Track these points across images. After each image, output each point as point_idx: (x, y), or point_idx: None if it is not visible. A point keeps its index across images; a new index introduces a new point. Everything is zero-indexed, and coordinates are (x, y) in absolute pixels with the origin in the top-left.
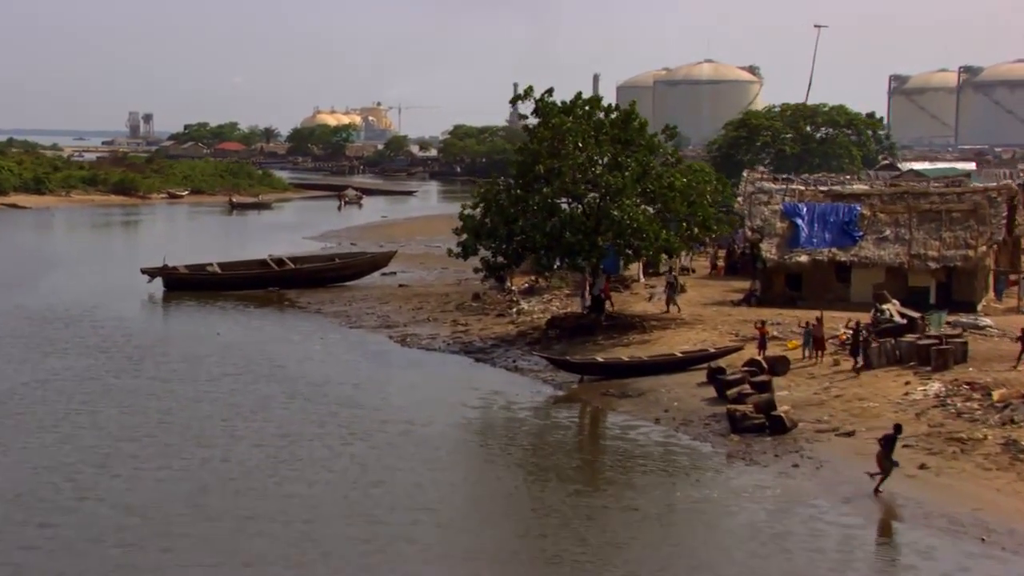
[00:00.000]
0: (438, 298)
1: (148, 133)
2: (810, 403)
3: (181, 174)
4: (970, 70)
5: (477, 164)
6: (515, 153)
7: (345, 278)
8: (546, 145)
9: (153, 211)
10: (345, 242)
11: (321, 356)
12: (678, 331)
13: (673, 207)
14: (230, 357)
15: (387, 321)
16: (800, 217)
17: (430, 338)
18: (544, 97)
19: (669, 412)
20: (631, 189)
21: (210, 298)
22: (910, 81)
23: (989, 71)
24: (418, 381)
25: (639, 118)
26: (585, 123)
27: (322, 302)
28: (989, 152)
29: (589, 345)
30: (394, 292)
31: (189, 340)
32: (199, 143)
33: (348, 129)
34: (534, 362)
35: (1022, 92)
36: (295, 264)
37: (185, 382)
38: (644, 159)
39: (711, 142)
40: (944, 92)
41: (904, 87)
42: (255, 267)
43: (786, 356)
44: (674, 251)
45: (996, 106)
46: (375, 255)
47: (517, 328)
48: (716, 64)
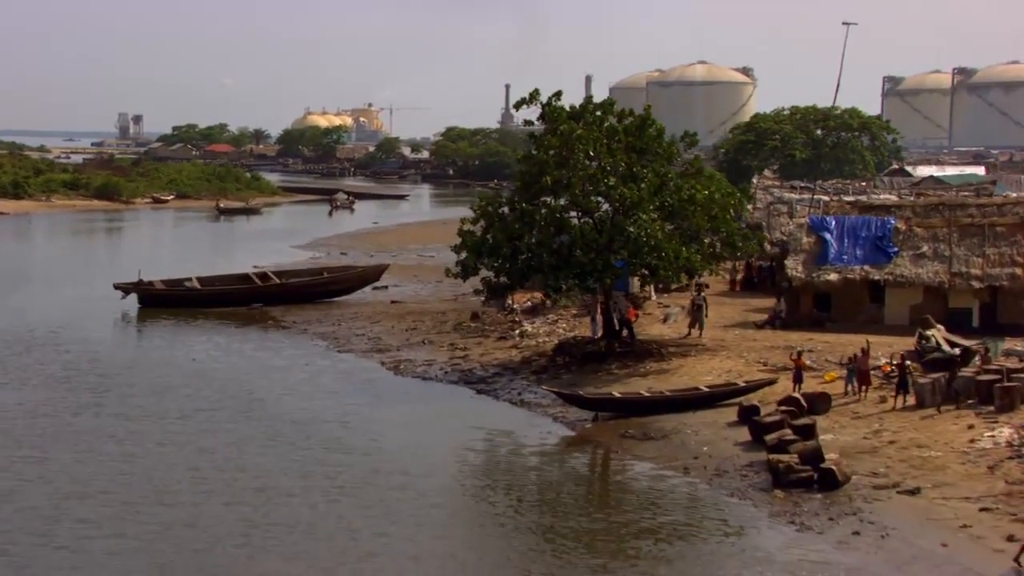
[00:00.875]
0: (433, 317)
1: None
2: (860, 450)
3: (167, 178)
4: (964, 72)
5: (470, 167)
6: (519, 162)
7: (333, 294)
8: (553, 154)
9: (137, 217)
10: (335, 251)
11: (306, 387)
12: (699, 359)
13: (694, 222)
14: (205, 388)
15: (379, 344)
16: (828, 231)
17: (426, 365)
18: (551, 101)
19: (699, 459)
20: (648, 203)
21: (188, 316)
22: (904, 83)
23: (983, 73)
24: (414, 418)
25: (655, 124)
26: (596, 130)
27: (308, 321)
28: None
29: (601, 374)
30: (386, 310)
31: (161, 367)
32: (188, 145)
33: (339, 131)
34: (541, 394)
35: (1017, 94)
36: (280, 279)
37: (152, 420)
38: (662, 169)
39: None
40: (938, 94)
41: (898, 88)
42: (237, 282)
43: (826, 392)
44: (695, 271)
45: (990, 108)
46: (365, 269)
47: (521, 353)
48: (709, 65)
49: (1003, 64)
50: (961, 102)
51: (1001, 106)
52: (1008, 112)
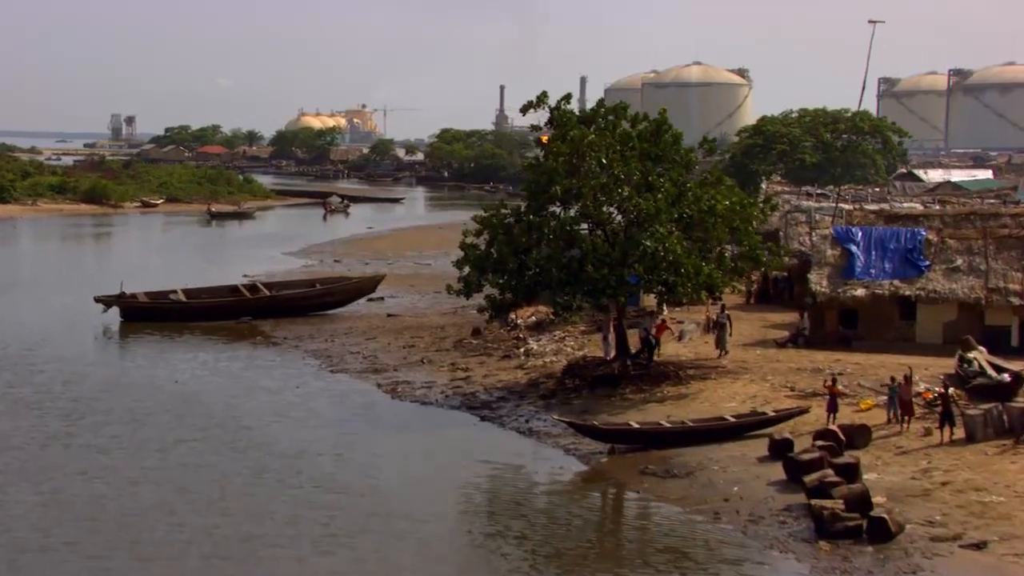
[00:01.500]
0: (432, 332)
1: (130, 135)
2: (910, 493)
3: (157, 181)
4: (960, 73)
5: (465, 169)
6: (526, 170)
7: (327, 306)
8: (563, 162)
9: (125, 221)
10: (328, 258)
11: (297, 413)
12: (720, 382)
13: (714, 235)
14: (188, 415)
15: (374, 363)
16: (854, 243)
17: (425, 387)
18: (561, 105)
19: (730, 502)
20: (665, 214)
21: (173, 331)
22: (899, 84)
23: (979, 74)
24: (414, 450)
25: (672, 129)
26: (610, 136)
27: (300, 337)
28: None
29: (615, 400)
30: (382, 324)
31: (141, 390)
32: (180, 146)
33: (333, 132)
34: (551, 422)
35: (1013, 95)
36: (270, 291)
37: (128, 453)
38: (679, 178)
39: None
40: (933, 95)
41: (893, 90)
42: (225, 294)
43: (866, 424)
44: (716, 288)
45: (986, 109)
46: (360, 280)
47: (527, 375)
48: (705, 66)
49: (999, 66)
50: (957, 104)
51: (997, 108)
52: (1004, 114)
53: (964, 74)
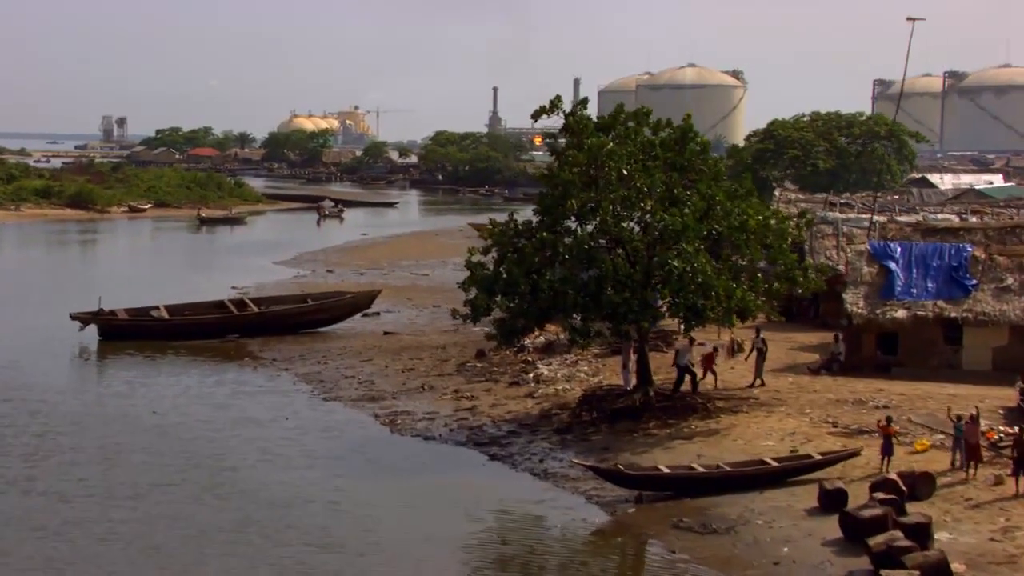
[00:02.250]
0: (433, 353)
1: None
2: (993, 559)
3: (145, 185)
4: (955, 75)
5: (460, 172)
6: (538, 181)
7: (319, 323)
8: (579, 173)
9: (112, 227)
10: (320, 267)
11: (287, 450)
12: (753, 416)
13: (746, 253)
14: (166, 452)
15: (371, 390)
16: (893, 260)
17: (427, 419)
18: (578, 110)
19: (781, 566)
20: (693, 231)
21: (155, 350)
22: (894, 86)
23: (974, 76)
24: (416, 497)
25: (698, 136)
26: (631, 144)
27: (290, 358)
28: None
29: (637, 435)
30: (378, 343)
31: (116, 423)
32: (171, 149)
33: (325, 134)
34: (567, 460)
35: (1008, 98)
36: (259, 307)
37: (96, 501)
38: (707, 191)
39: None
40: (928, 97)
41: (888, 92)
42: (210, 311)
43: (930, 473)
44: (749, 312)
45: (981, 112)
46: (355, 296)
47: (538, 404)
48: (699, 68)
49: (994, 68)
50: (952, 106)
51: (992, 110)
52: (999, 116)
53: (959, 76)
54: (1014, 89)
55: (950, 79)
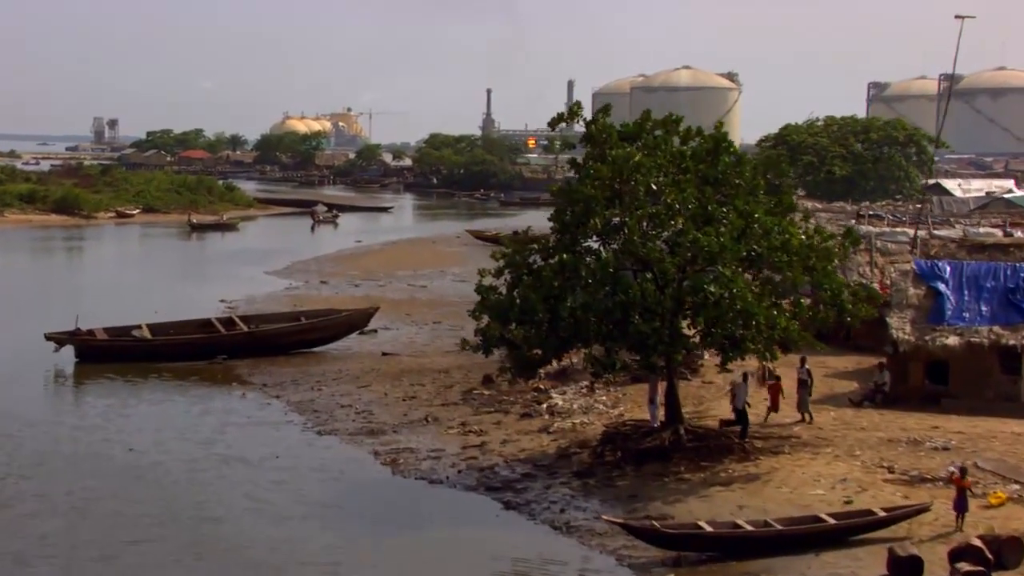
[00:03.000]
0: (435, 378)
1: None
2: None
3: (134, 189)
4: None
5: (455, 175)
6: (555, 195)
7: (313, 343)
8: (603, 187)
9: (98, 234)
10: (314, 278)
11: (278, 496)
12: (796, 458)
13: (787, 276)
14: (143, 500)
15: (370, 422)
16: (942, 281)
17: (432, 457)
18: (600, 117)
19: None
20: (731, 252)
21: (137, 374)
22: (889, 88)
23: (970, 79)
24: (424, 559)
25: (732, 147)
26: (662, 155)
27: (282, 383)
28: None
29: (668, 480)
30: (376, 365)
31: (87, 462)
32: (162, 151)
33: (318, 137)
34: (592, 511)
35: (1004, 100)
36: (248, 325)
37: (57, 565)
38: (745, 208)
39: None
40: (924, 100)
41: (883, 94)
42: (196, 330)
43: (1018, 537)
44: (793, 343)
45: (977, 114)
46: (351, 314)
47: (554, 441)
48: (694, 70)
49: (990, 70)
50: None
51: (988, 113)
52: (996, 119)
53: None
54: (1010, 92)
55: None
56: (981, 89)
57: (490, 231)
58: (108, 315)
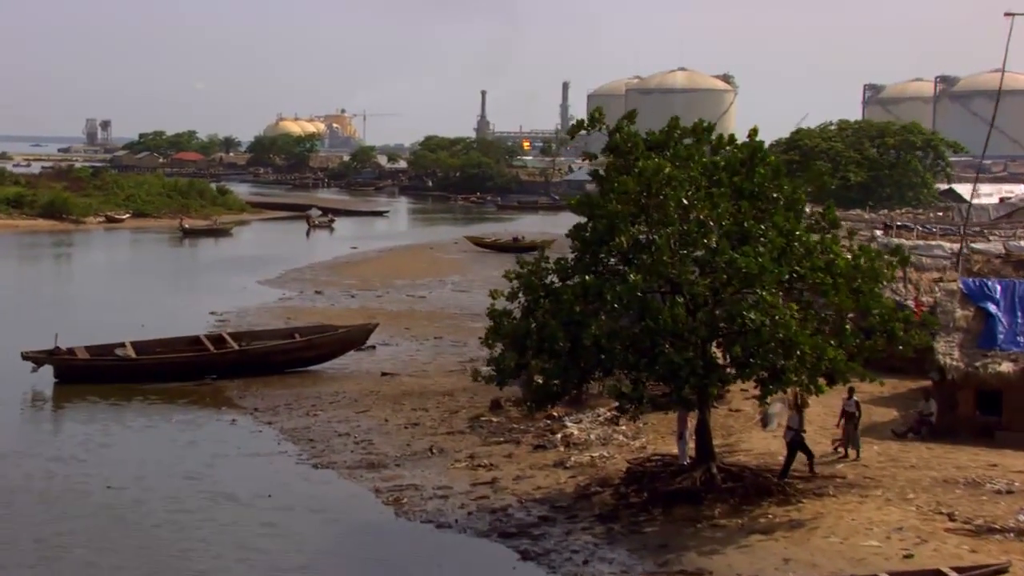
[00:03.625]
0: (439, 402)
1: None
2: None
3: (124, 193)
4: (947, 80)
5: (451, 178)
6: (573, 209)
7: (308, 361)
8: (629, 202)
9: (87, 240)
10: (308, 288)
11: (270, 544)
12: (843, 501)
13: (832, 301)
14: (120, 547)
15: (370, 452)
16: (993, 301)
17: (439, 496)
18: (624, 125)
19: None
20: (771, 275)
21: (120, 396)
22: (885, 91)
23: (966, 81)
24: None
25: (769, 157)
26: (695, 167)
27: (275, 407)
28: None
29: (702, 527)
30: (376, 387)
31: (61, 501)
32: (154, 153)
33: (312, 139)
34: (619, 562)
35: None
36: (239, 343)
37: None
38: (785, 224)
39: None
40: (920, 102)
41: (879, 97)
42: (184, 348)
43: None
44: (841, 376)
45: (974, 117)
46: (349, 330)
47: (572, 478)
48: (690, 72)
49: (987, 72)
50: (944, 111)
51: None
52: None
53: (951, 81)
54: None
55: (941, 84)
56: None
57: (488, 237)
58: (92, 329)
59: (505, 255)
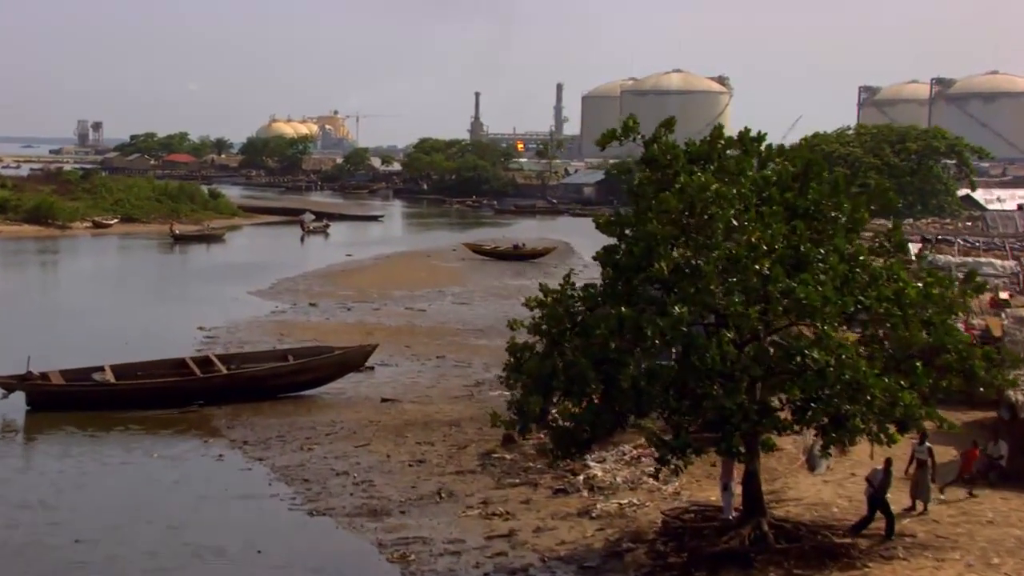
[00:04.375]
0: (446, 433)
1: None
2: None
3: (113, 197)
4: (942, 82)
5: (446, 181)
6: (602, 228)
7: (302, 386)
8: (670, 222)
9: (73, 246)
10: (302, 299)
11: None
12: (916, 564)
13: (904, 336)
14: None
15: (371, 496)
16: None
17: (451, 552)
18: (662, 135)
19: None
20: (835, 307)
21: (98, 426)
22: (880, 93)
23: (962, 83)
24: None
25: (827, 170)
26: (746, 183)
27: (266, 440)
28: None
29: None
30: (376, 416)
31: (22, 557)
32: (146, 155)
33: (305, 141)
34: None
35: (996, 104)
36: (228, 365)
37: None
38: (846, 248)
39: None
40: (915, 104)
41: (875, 99)
42: (168, 371)
43: None
44: (915, 423)
45: (970, 119)
46: (346, 353)
47: (599, 529)
48: (685, 74)
49: (983, 74)
50: (940, 113)
51: (981, 117)
52: (988, 123)
53: (947, 83)
54: (1002, 96)
55: (937, 86)
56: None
57: (488, 244)
58: (72, 347)
59: (505, 263)
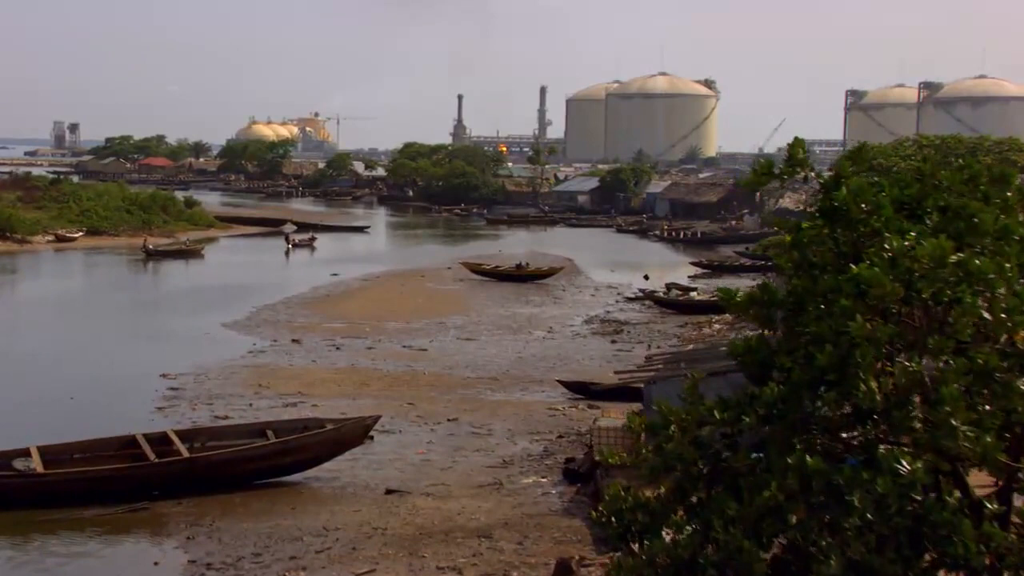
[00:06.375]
0: (475, 552)
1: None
2: None
3: (79, 207)
4: (930, 86)
5: (432, 188)
6: (739, 307)
7: (284, 470)
8: (878, 312)
9: (32, 263)
10: (284, 335)
11: None
12: None
13: None
14: None
15: None
16: None
17: None
18: (849, 171)
19: None
20: None
21: (16, 530)
22: (867, 96)
23: (950, 87)
24: None
25: None
26: (1010, 250)
27: (237, 559)
28: None
29: None
30: (380, 519)
31: None
32: (121, 158)
33: (285, 144)
34: None
35: (984, 109)
36: (190, 446)
37: None
38: None
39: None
40: (903, 108)
41: (861, 103)
42: (113, 453)
43: None
44: None
45: (958, 123)
46: (340, 428)
47: None
48: (671, 77)
49: (970, 79)
50: (927, 117)
51: (968, 121)
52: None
53: (934, 87)
54: (990, 100)
55: (925, 90)
56: (961, 98)
57: (487, 263)
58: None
59: (507, 285)
